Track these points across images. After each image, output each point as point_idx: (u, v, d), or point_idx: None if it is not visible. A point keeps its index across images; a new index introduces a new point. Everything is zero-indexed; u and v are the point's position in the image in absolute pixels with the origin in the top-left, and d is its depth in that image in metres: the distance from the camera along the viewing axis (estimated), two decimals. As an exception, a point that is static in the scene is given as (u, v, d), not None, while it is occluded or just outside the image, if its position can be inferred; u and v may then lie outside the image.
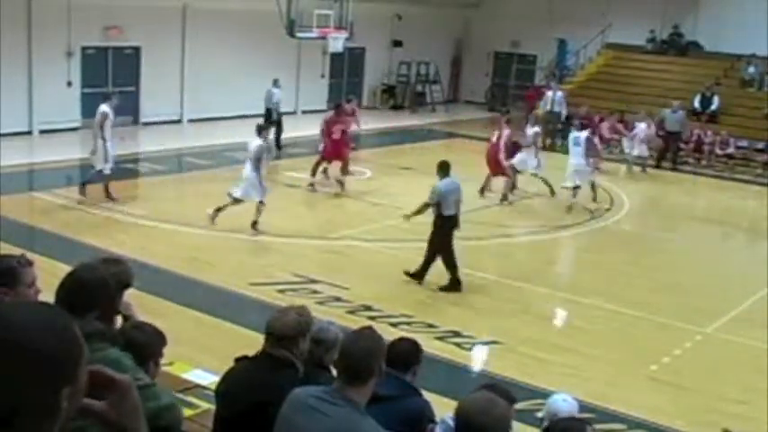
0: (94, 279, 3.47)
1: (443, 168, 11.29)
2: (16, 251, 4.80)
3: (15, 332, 1.38)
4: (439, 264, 11.26)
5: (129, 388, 1.60)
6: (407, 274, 11.30)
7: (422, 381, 4.76)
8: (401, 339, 4.84)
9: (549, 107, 23.49)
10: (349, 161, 17.02)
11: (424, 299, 10.96)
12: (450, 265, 11.19)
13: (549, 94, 23.73)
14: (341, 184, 16.35)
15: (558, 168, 17.04)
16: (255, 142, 13.09)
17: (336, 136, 16.58)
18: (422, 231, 14.62)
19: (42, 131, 20.16)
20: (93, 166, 14.55)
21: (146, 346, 3.83)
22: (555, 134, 23.53)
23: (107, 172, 14.43)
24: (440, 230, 11.18)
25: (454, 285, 11.19)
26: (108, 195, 14.45)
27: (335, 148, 16.56)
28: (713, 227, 17.64)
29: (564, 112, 23.61)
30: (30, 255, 5.43)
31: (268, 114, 20.17)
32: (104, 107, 14.66)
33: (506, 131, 16.56)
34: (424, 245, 11.23)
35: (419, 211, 11.51)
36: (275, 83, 20.60)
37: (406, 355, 4.54)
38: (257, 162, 13.01)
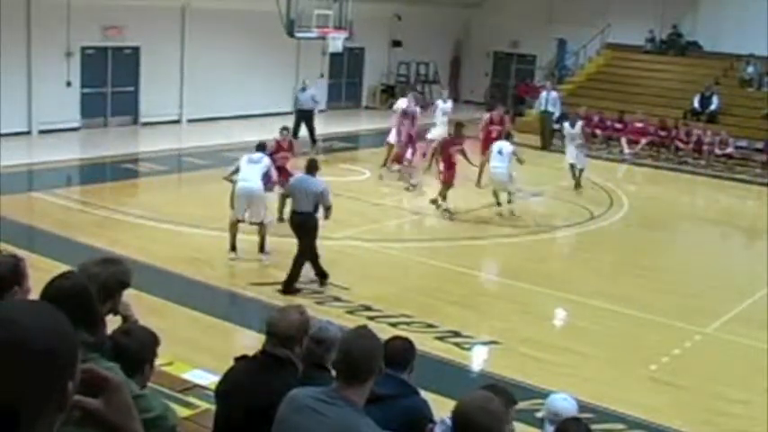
0: (71, 288, 3.34)
1: (308, 166, 11.08)
2: (16, 251, 4.80)
3: (21, 332, 1.41)
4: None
5: (120, 386, 1.63)
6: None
7: (421, 381, 4.75)
8: (395, 338, 4.80)
9: (543, 107, 23.49)
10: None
11: (423, 299, 10.95)
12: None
13: (544, 94, 23.72)
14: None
15: (552, 167, 17.09)
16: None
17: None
18: (421, 231, 14.66)
19: (42, 131, 20.16)
20: None
21: (138, 352, 3.76)
22: (551, 134, 23.54)
23: None
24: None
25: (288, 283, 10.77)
26: None
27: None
28: (713, 227, 17.65)
29: (557, 113, 23.57)
30: (29, 255, 5.44)
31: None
32: None
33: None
34: (424, 245, 11.23)
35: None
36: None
37: (402, 353, 4.52)
38: None
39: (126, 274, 4.21)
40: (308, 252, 10.80)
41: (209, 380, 6.40)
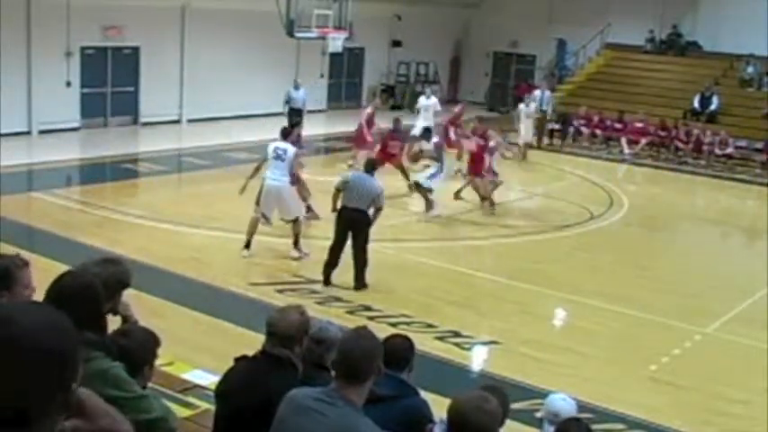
0: (76, 287, 3.35)
1: (367, 165, 11.35)
2: (16, 251, 4.79)
3: (19, 332, 1.41)
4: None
5: (89, 398, 1.67)
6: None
7: (421, 381, 4.74)
8: (394, 336, 4.77)
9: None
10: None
11: (423, 299, 10.95)
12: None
13: (537, 93, 23.69)
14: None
15: (551, 167, 17.10)
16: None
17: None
18: (421, 231, 14.64)
19: (42, 131, 20.16)
20: None
21: (137, 353, 3.74)
22: (544, 133, 23.58)
23: None
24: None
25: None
26: None
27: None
28: (713, 227, 17.65)
29: (549, 111, 23.58)
30: (29, 255, 5.44)
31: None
32: None
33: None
34: (424, 245, 11.20)
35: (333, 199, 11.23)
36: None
37: (401, 352, 4.49)
38: None
39: (126, 274, 4.21)
40: (364, 249, 10.86)
41: (209, 380, 6.40)
